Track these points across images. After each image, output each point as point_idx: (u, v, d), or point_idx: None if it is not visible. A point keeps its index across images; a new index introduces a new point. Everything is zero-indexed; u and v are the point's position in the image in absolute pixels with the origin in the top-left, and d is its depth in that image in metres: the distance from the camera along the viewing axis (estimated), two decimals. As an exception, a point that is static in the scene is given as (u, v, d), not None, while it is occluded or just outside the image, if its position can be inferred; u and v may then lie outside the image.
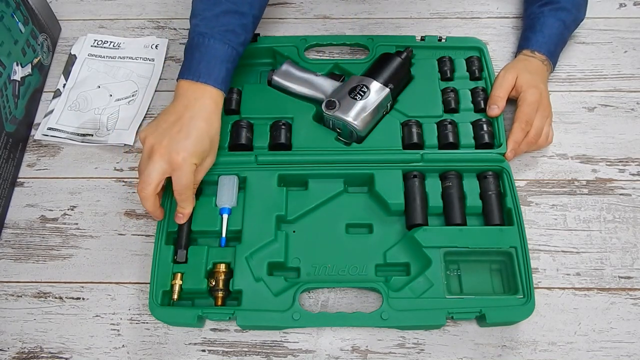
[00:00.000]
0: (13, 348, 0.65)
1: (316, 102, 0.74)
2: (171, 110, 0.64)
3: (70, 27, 0.90)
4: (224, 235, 0.67)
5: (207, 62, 0.66)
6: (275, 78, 0.76)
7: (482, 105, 0.75)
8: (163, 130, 0.62)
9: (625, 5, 0.88)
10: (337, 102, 0.71)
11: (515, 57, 0.79)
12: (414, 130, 0.72)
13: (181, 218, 0.66)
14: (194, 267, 0.65)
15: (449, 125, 0.73)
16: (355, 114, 0.70)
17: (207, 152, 0.64)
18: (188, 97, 0.64)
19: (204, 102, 0.64)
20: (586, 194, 0.73)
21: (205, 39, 0.66)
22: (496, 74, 0.79)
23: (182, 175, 0.62)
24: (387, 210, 0.69)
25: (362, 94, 0.71)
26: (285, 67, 0.77)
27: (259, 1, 0.72)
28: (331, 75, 0.77)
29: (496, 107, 0.73)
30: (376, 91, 0.72)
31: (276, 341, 0.65)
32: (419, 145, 0.72)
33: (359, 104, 0.71)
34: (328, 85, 0.75)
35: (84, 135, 0.79)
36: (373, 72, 0.74)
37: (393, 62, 0.75)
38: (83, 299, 0.68)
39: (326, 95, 0.73)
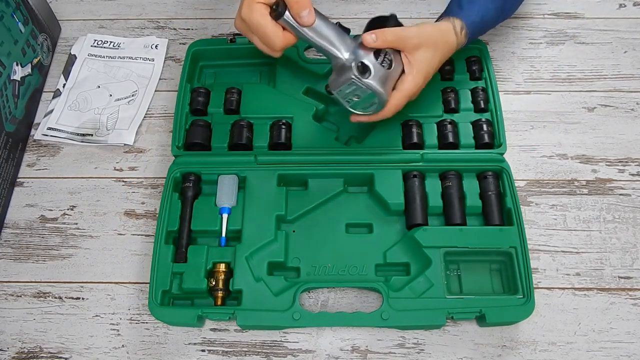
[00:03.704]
0: (12, 348, 0.65)
1: (325, 54, 0.62)
2: None
3: (70, 27, 0.90)
4: (223, 234, 0.67)
5: None
6: (289, 15, 0.59)
7: (482, 105, 0.75)
8: None
9: (625, 6, 0.88)
10: (371, 67, 0.60)
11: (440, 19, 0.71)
12: (414, 130, 0.72)
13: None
14: (193, 267, 0.64)
15: (449, 125, 0.73)
16: (387, 86, 0.62)
17: None
18: None
19: None
20: (586, 194, 0.73)
21: None
22: (496, 74, 0.79)
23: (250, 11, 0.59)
24: (387, 210, 0.69)
25: (389, 62, 0.63)
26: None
27: None
28: (340, 26, 0.64)
29: (374, 38, 0.62)
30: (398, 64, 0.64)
31: (276, 341, 0.65)
32: (419, 145, 0.72)
33: (386, 74, 0.62)
34: (341, 39, 0.62)
35: (83, 135, 0.79)
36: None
37: (391, 20, 0.67)
38: (82, 298, 0.68)
39: (338, 49, 0.61)
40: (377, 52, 0.62)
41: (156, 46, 0.87)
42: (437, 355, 0.64)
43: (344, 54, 0.61)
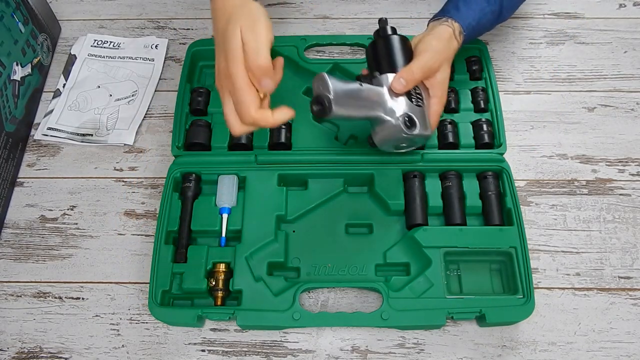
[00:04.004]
0: (13, 348, 0.65)
1: (369, 120, 0.61)
2: None
3: (70, 27, 0.90)
4: (223, 234, 0.67)
5: None
6: (337, 110, 0.56)
7: (482, 105, 0.75)
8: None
9: (625, 6, 0.88)
10: (415, 119, 0.59)
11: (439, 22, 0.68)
12: (414, 130, 0.72)
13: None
14: (193, 267, 0.65)
15: (449, 125, 0.72)
16: (427, 123, 0.61)
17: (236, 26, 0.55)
18: (217, 11, 0.60)
19: (220, 6, 0.59)
20: (586, 194, 0.73)
21: None
22: (496, 74, 0.79)
23: (229, 54, 0.54)
24: (387, 210, 0.69)
25: (420, 98, 0.62)
26: (335, 85, 0.56)
27: None
28: (363, 80, 0.61)
29: (404, 83, 0.61)
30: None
31: (276, 341, 0.65)
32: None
33: (423, 112, 0.61)
34: (376, 97, 0.60)
35: (83, 135, 0.79)
36: (392, 64, 0.62)
37: (395, 42, 0.64)
38: (82, 298, 0.68)
39: (379, 111, 0.59)
40: (408, 93, 0.61)
41: (156, 46, 0.86)
42: (437, 355, 0.64)
43: (386, 112, 0.59)
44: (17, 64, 0.77)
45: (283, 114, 0.57)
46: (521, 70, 0.83)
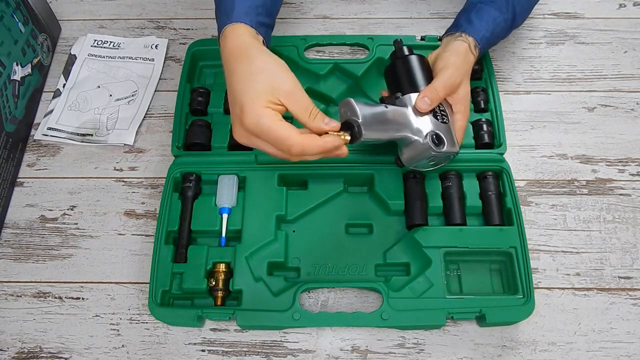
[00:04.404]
0: (13, 348, 0.65)
1: (395, 141, 0.62)
2: None
3: (70, 27, 0.90)
4: (223, 234, 0.67)
5: (224, 3, 0.61)
6: (366, 134, 0.55)
7: (482, 105, 0.75)
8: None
9: (625, 6, 0.88)
10: (443, 137, 0.60)
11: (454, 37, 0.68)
12: (414, 130, 0.72)
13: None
14: (193, 267, 0.65)
15: (449, 125, 0.72)
16: (455, 138, 0.62)
17: (260, 93, 0.54)
18: (223, 62, 0.60)
19: (224, 58, 0.59)
20: (586, 194, 0.73)
21: None
22: (496, 74, 0.79)
23: (261, 126, 0.53)
24: (387, 210, 0.69)
25: (445, 115, 0.63)
26: (362, 110, 0.56)
27: None
28: (387, 101, 0.61)
29: (429, 102, 0.61)
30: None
31: (276, 341, 0.65)
32: (419, 145, 0.72)
33: (450, 128, 0.62)
34: (401, 118, 0.60)
35: (83, 135, 0.79)
36: (413, 84, 0.63)
37: (414, 62, 0.65)
38: (82, 298, 0.68)
39: (406, 131, 0.60)
40: (432, 111, 0.62)
41: (156, 46, 0.86)
42: (437, 355, 0.64)
43: (413, 131, 0.60)
44: (17, 64, 0.77)
45: (333, 137, 0.54)
46: (521, 70, 0.83)
